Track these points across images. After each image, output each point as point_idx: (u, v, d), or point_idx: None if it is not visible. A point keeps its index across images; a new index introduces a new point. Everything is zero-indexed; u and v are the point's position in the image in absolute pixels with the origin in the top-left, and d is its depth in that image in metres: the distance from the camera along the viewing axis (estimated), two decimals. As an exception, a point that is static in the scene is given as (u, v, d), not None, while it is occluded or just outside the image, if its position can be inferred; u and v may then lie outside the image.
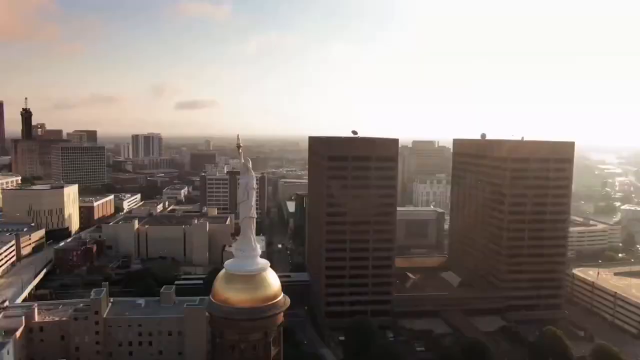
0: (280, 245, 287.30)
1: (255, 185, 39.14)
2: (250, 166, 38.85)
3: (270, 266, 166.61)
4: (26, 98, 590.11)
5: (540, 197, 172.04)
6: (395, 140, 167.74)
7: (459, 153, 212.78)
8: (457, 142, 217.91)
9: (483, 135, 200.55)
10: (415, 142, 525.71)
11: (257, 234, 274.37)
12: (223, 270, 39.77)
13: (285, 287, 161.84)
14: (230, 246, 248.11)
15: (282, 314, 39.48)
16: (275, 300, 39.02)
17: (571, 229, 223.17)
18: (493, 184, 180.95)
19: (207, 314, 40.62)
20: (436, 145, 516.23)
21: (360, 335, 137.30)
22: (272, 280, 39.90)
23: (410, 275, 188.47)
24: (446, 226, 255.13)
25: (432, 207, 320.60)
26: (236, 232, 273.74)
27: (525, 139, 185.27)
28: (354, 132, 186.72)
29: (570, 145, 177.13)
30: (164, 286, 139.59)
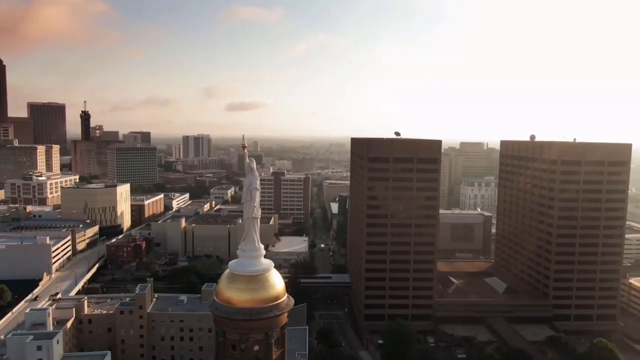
0: (322, 246, 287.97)
1: (258, 186, 39.04)
2: (255, 166, 38.83)
3: (312, 267, 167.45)
4: (85, 101, 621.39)
5: (593, 202, 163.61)
6: (438, 142, 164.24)
7: (507, 155, 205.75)
8: (504, 144, 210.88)
9: (532, 137, 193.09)
10: (463, 144, 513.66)
11: (300, 234, 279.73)
12: (227, 270, 40.04)
13: (326, 289, 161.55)
14: (273, 246, 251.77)
15: (285, 315, 39.19)
16: (277, 302, 38.77)
17: (628, 235, 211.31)
18: (542, 187, 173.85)
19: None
20: (485, 147, 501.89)
21: (399, 339, 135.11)
22: (275, 281, 39.70)
23: (453, 279, 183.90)
24: (494, 230, 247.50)
25: (479, 210, 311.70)
26: (279, 232, 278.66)
27: (577, 140, 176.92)
28: (397, 134, 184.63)
29: (627, 147, 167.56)
30: (206, 284, 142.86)
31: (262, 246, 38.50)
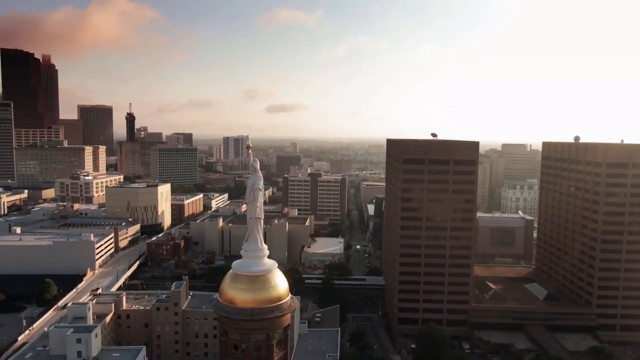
0: (358, 248, 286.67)
1: (261, 186, 38.97)
2: (258, 167, 38.75)
3: (346, 269, 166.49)
4: (130, 103, 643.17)
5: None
6: (475, 144, 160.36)
7: (549, 157, 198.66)
8: (546, 145, 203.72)
9: (576, 138, 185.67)
10: (505, 145, 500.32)
11: (336, 235, 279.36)
12: (231, 270, 40.10)
13: (360, 291, 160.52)
14: (308, 247, 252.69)
15: (288, 316, 38.84)
16: (279, 303, 38.49)
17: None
18: (586, 190, 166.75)
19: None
20: (528, 149, 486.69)
21: (432, 344, 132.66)
22: (278, 282, 39.45)
23: (491, 285, 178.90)
24: (536, 235, 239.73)
25: (520, 214, 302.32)
26: (315, 233, 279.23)
27: (625, 141, 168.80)
28: (434, 135, 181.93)
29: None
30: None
31: (265, 246, 38.48)
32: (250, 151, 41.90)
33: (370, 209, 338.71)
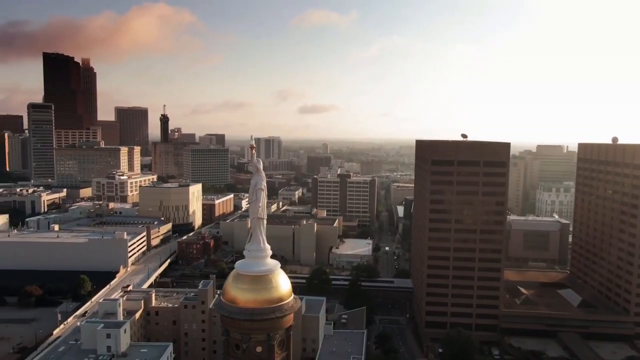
0: (387, 249, 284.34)
1: (263, 186, 38.73)
2: (261, 167, 38.55)
3: (374, 270, 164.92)
4: (164, 105, 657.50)
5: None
6: (506, 145, 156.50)
7: (585, 159, 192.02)
8: (582, 147, 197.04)
9: (614, 139, 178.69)
10: (540, 147, 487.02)
11: (365, 237, 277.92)
12: (233, 270, 40.03)
13: (387, 293, 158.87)
14: (336, 248, 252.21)
15: (290, 317, 38.40)
16: (280, 303, 38.13)
17: None
18: (624, 193, 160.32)
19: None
20: (565, 150, 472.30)
21: (460, 348, 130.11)
22: (280, 282, 39.17)
23: (523, 289, 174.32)
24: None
25: (556, 217, 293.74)
26: (344, 234, 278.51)
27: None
28: (464, 136, 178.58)
29: None
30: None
31: (268, 247, 38.27)
32: (253, 152, 41.79)
33: (400, 210, 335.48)
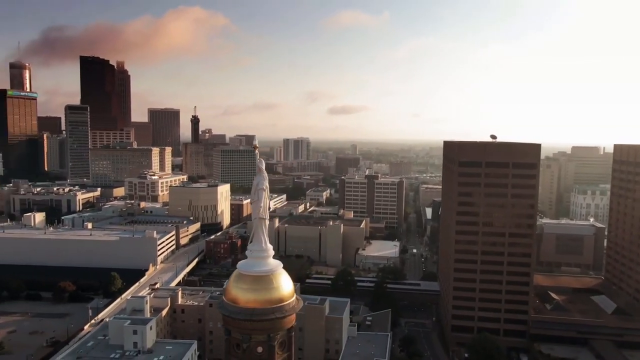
0: (414, 252, 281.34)
1: (265, 187, 38.51)
2: (263, 167, 38.36)
3: (401, 272, 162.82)
4: (195, 107, 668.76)
5: None
6: (537, 146, 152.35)
7: (621, 161, 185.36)
8: (618, 148, 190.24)
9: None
10: (575, 148, 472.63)
11: (392, 239, 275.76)
12: (236, 269, 40.06)
13: (413, 296, 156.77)
14: (363, 250, 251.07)
15: (291, 318, 38.05)
16: (281, 304, 37.86)
17: None
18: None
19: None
20: (601, 152, 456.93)
21: (486, 354, 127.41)
22: (281, 283, 38.88)
23: (554, 295, 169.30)
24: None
25: (591, 221, 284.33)
26: (371, 236, 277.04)
27: None
28: (493, 137, 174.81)
29: None
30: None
31: (270, 247, 38.19)
32: (256, 151, 41.91)
33: (429, 212, 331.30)
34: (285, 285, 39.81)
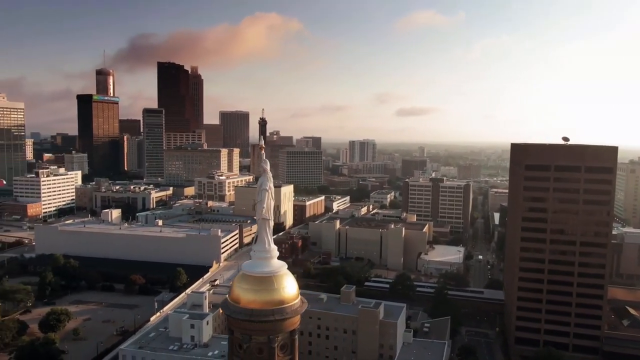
0: (480, 258, 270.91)
1: (268, 187, 37.83)
2: (268, 168, 37.73)
3: (463, 279, 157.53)
4: (263, 109, 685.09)
5: None
6: (613, 149, 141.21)
7: None
8: None
9: None
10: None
11: (457, 244, 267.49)
12: (241, 270, 39.75)
13: (476, 304, 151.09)
14: (425, 254, 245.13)
15: (293, 320, 36.97)
16: (282, 306, 36.93)
17: None
18: None
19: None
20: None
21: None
22: (283, 285, 37.97)
23: (632, 310, 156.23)
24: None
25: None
26: (434, 240, 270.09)
27: None
28: (565, 139, 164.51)
29: None
30: (346, 285, 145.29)
31: (274, 247, 37.70)
32: (262, 152, 41.78)
33: (497, 217, 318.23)
34: (288, 286, 39.44)
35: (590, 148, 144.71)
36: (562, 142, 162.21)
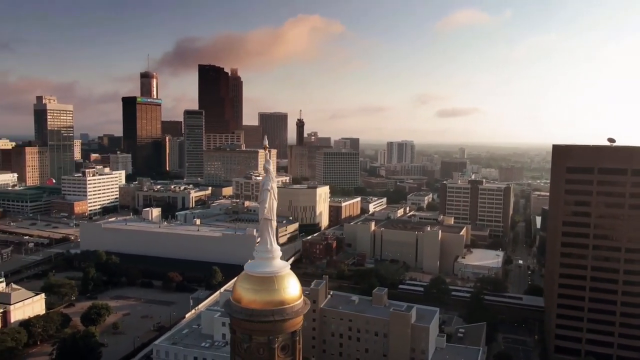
0: (520, 262, 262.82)
1: (270, 187, 37.47)
2: (271, 168, 37.49)
3: (501, 284, 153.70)
4: (300, 110, 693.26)
5: None
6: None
7: None
8: None
9: None
10: None
11: (496, 248, 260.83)
12: (244, 270, 39.53)
13: (514, 310, 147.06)
14: (462, 258, 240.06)
15: (295, 321, 36.26)
16: (282, 306, 36.35)
17: None
18: None
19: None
20: None
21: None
22: (285, 285, 37.39)
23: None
24: None
25: None
26: (472, 244, 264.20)
27: None
28: (611, 140, 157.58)
29: None
30: (378, 287, 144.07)
31: (276, 248, 37.38)
32: (266, 152, 41.70)
33: (539, 221, 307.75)
34: (289, 287, 39.16)
35: (637, 150, 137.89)
36: (608, 143, 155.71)
